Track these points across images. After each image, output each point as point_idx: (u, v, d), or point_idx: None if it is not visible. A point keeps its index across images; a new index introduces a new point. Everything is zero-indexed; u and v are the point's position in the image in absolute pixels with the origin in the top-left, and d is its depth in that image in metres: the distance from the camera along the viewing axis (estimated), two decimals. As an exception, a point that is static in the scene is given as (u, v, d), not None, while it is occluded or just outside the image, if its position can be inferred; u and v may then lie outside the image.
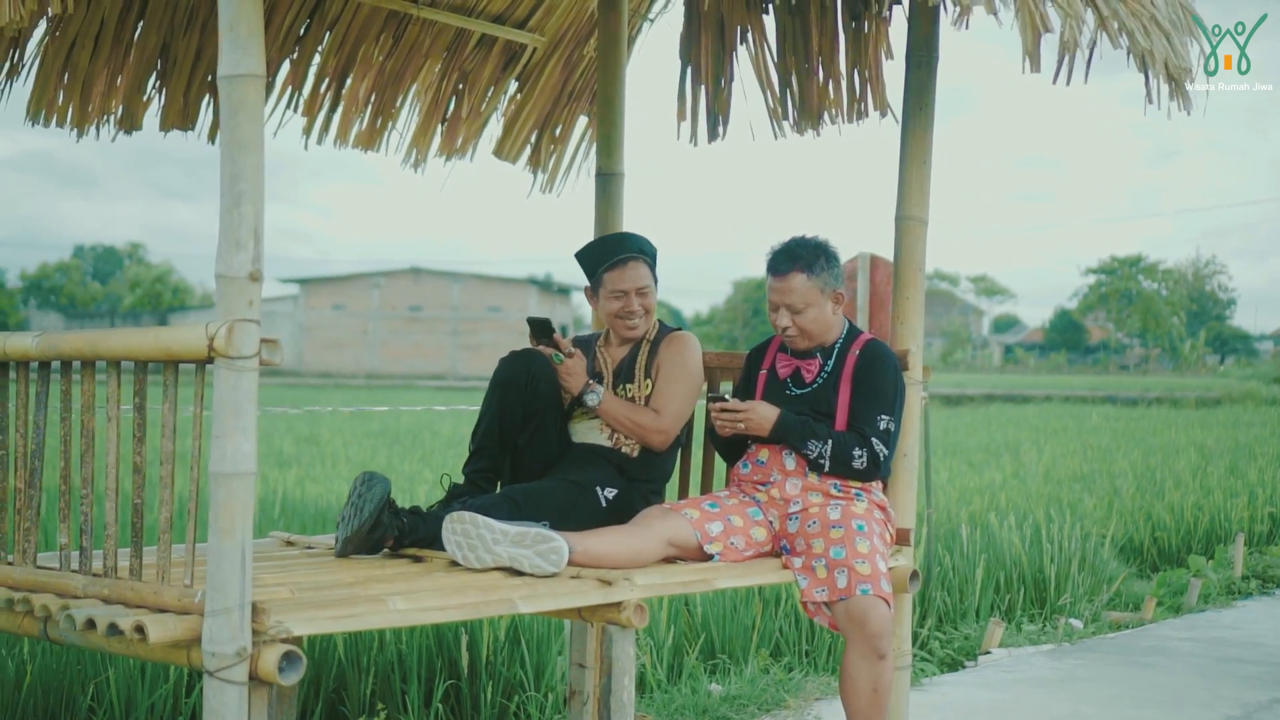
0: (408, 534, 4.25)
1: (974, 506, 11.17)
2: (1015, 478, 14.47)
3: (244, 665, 3.06)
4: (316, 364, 70.40)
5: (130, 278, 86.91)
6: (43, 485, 3.58)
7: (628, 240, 4.77)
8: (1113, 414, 29.67)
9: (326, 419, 25.35)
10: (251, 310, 3.07)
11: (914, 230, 4.63)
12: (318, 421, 24.83)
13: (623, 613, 3.81)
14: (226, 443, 3.05)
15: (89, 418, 3.41)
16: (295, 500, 10.92)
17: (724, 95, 5.39)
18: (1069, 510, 11.18)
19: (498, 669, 5.83)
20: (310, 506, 10.23)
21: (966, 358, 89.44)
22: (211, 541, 3.05)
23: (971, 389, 48.48)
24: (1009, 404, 37.98)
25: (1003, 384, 55.56)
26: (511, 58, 5.81)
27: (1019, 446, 19.57)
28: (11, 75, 4.82)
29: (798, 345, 4.50)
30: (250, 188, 3.06)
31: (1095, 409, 32.11)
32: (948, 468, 15.81)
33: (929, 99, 4.57)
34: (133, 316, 77.41)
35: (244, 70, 3.06)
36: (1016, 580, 8.12)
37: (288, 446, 19.18)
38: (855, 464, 4.36)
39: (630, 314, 4.71)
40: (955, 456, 18.01)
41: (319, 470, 15.26)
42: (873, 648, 4.19)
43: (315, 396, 39.01)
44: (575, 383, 4.62)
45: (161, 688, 5.27)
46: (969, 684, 6.49)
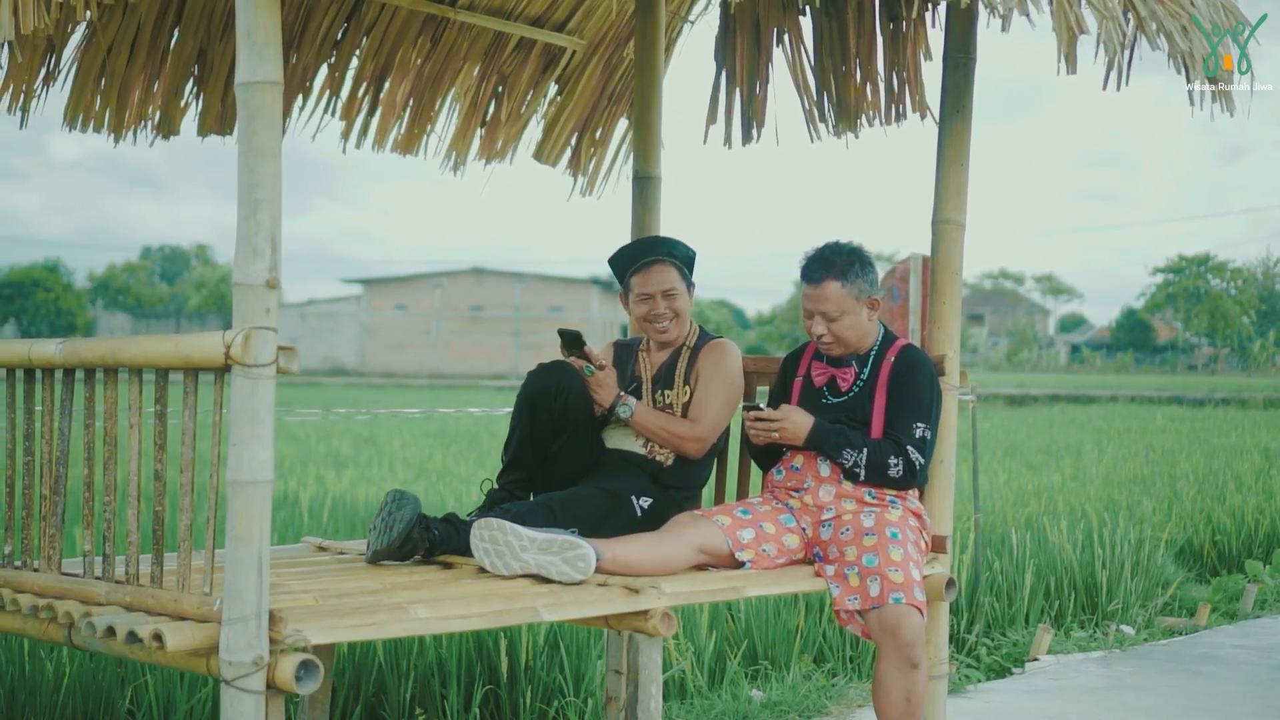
0: (439, 545, 4.24)
1: (1030, 509, 11.05)
2: (1074, 480, 14.32)
3: (261, 674, 3.06)
4: (380, 364, 70.81)
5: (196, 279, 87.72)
6: (67, 491, 3.59)
7: (656, 244, 4.73)
8: (1178, 415, 29.34)
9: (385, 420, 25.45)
10: (269, 318, 3.06)
11: (951, 233, 4.56)
12: (377, 422, 24.93)
13: (649, 621, 3.78)
14: (243, 450, 3.04)
15: (111, 425, 3.42)
16: (347, 503, 10.96)
17: (759, 98, 5.34)
18: (1127, 513, 11.05)
19: (537, 674, 5.81)
20: (361, 509, 10.27)
21: (1032, 357, 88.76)
22: (229, 549, 3.05)
23: (1036, 389, 48.10)
24: (1073, 404, 37.65)
25: (1067, 384, 55.14)
26: (551, 60, 5.79)
27: (1080, 448, 19.39)
28: (49, 81, 4.84)
29: (833, 353, 4.46)
30: (267, 195, 3.06)
31: (1160, 409, 31.78)
32: (1006, 469, 15.68)
33: (967, 101, 4.51)
34: (198, 317, 78.12)
35: (261, 77, 3.06)
36: (1067, 585, 8.02)
37: (345, 448, 19.28)
38: (891, 473, 4.31)
39: (657, 317, 4.68)
40: (1014, 458, 17.87)
41: (374, 472, 15.33)
42: (905, 657, 4.13)
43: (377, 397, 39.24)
44: (606, 395, 4.59)
45: (200, 691, 5.28)
46: (1015, 691, 6.40)
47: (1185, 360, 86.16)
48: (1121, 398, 40.15)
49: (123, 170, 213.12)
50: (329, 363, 71.82)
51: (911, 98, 5.08)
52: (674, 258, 4.70)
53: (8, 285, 73.26)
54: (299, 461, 16.85)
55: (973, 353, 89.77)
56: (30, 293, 72.43)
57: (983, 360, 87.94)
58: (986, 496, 12.29)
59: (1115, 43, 3.76)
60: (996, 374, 72.55)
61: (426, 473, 15.18)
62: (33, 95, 4.81)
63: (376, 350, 72.53)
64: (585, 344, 4.58)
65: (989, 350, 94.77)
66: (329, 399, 31.78)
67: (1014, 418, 29.73)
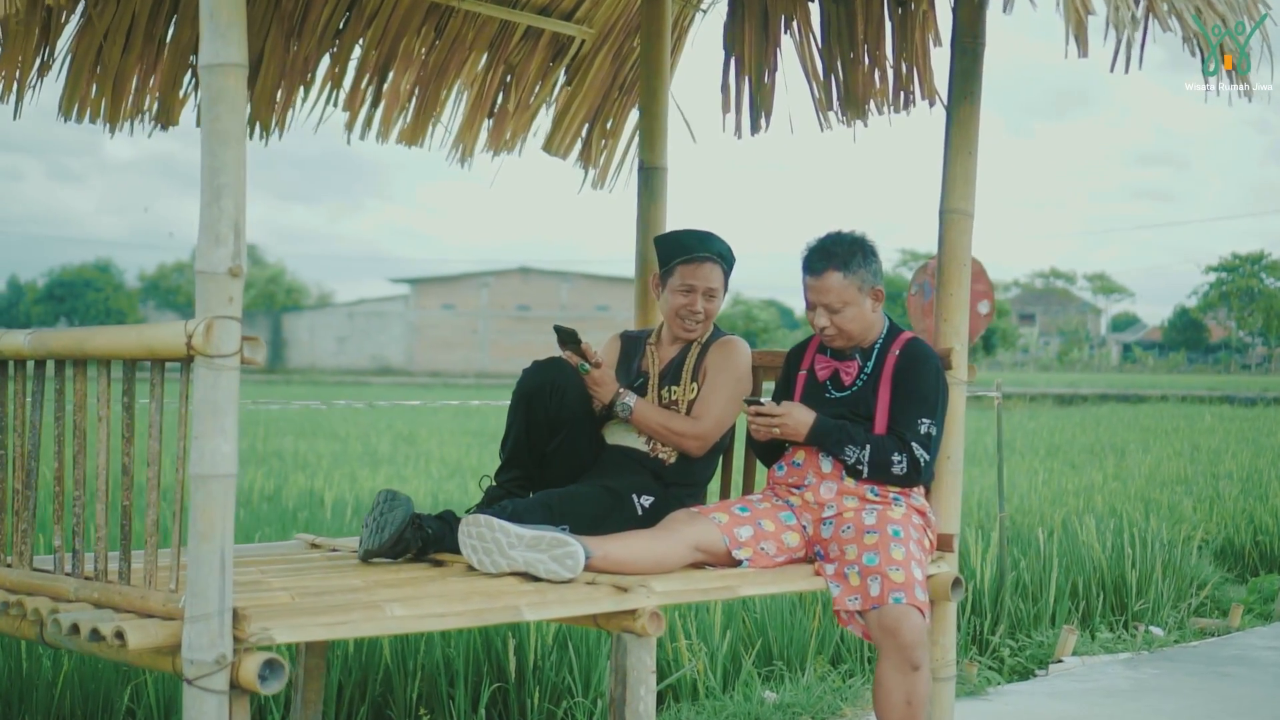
0: (433, 544, 4.15)
1: (1068, 508, 10.90)
2: (1115, 479, 14.14)
3: (224, 673, 2.97)
4: (426, 363, 70.99)
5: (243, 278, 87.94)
6: (38, 486, 3.52)
7: (711, 240, 4.62)
8: (1228, 414, 28.97)
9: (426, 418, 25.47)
10: (231, 307, 2.98)
11: (959, 224, 4.44)
12: (417, 420, 24.94)
13: (638, 620, 3.67)
14: (205, 444, 2.95)
15: (80, 417, 3.34)
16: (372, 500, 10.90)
17: (767, 86, 5.23)
18: (1166, 512, 10.89)
19: (545, 674, 5.72)
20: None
21: (1083, 357, 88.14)
22: (191, 546, 2.96)
23: (1085, 388, 47.73)
24: (1123, 404, 37.33)
25: (1118, 383, 54.71)
26: (559, 50, 5.69)
27: (1125, 447, 19.18)
28: (43, 72, 4.78)
29: (836, 345, 4.34)
30: (231, 181, 2.97)
31: (1209, 409, 31.41)
32: (1047, 468, 15.52)
33: (975, 87, 4.38)
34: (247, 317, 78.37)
35: (224, 59, 2.97)
36: (1096, 585, 7.86)
37: (384, 446, 19.27)
38: (894, 469, 4.19)
39: (692, 313, 4.58)
40: (1057, 457, 17.70)
41: (410, 470, 15.29)
42: (906, 658, 4.01)
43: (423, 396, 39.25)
44: (604, 392, 4.50)
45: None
46: (1036, 694, 6.26)
47: (1239, 360, 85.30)
48: (1172, 397, 39.74)
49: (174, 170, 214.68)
50: (377, 362, 72.06)
51: (921, 84, 4.96)
52: (724, 261, 4.61)
53: (60, 285, 73.90)
54: (336, 459, 16.85)
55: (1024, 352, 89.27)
56: (82, 293, 73.04)
57: (1033, 360, 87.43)
58: (1024, 496, 12.14)
59: (1125, 23, 3.64)
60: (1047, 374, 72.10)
61: (461, 471, 15.13)
62: (26, 85, 4.75)
63: (424, 349, 72.71)
64: (581, 341, 4.48)
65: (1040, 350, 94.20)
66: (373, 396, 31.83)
67: (1062, 417, 29.50)
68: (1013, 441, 20.71)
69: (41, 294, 72.63)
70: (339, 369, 70.54)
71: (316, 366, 71.19)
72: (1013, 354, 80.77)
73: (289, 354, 74.21)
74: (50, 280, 75.35)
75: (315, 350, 74.26)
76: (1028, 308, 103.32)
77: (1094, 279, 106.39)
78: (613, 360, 4.81)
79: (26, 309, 72.02)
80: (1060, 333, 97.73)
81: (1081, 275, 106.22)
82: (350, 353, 73.84)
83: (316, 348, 74.43)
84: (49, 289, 73.94)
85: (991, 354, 63.79)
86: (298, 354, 74.16)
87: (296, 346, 74.87)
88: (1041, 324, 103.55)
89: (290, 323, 76.48)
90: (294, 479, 13.27)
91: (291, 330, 75.89)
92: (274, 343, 75.02)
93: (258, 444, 19.04)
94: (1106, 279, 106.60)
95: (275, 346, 74.83)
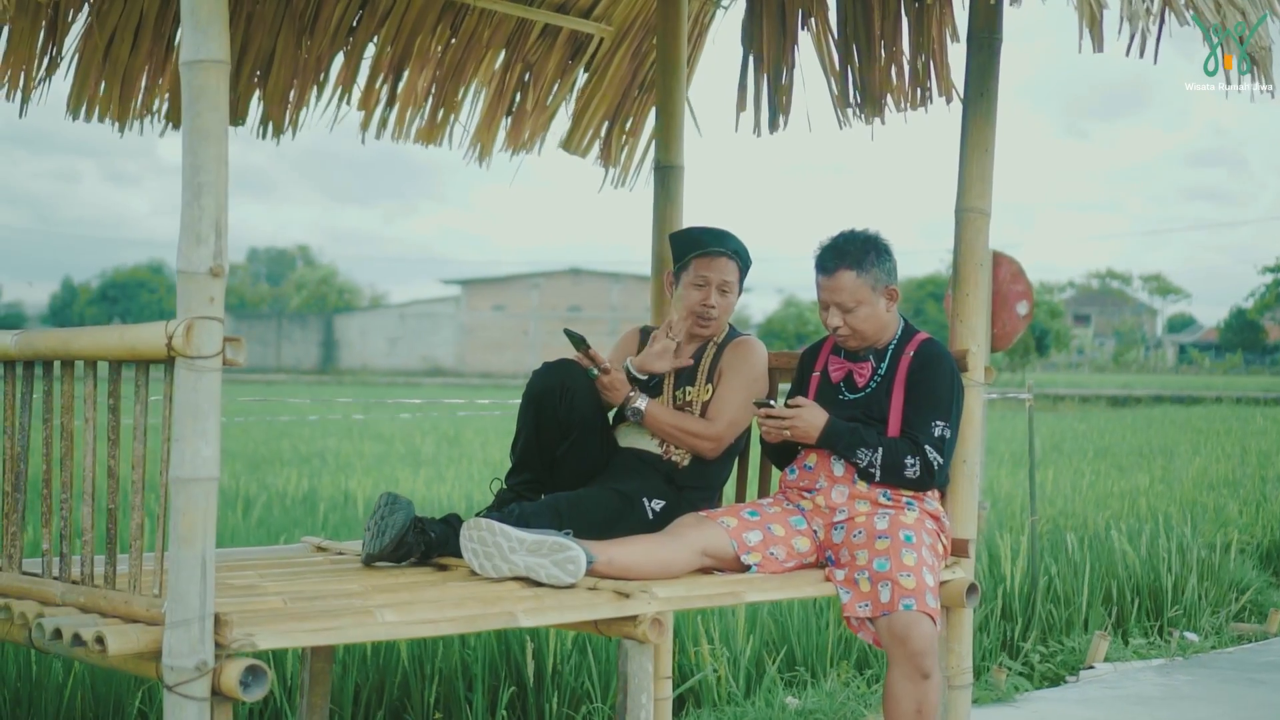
0: (436, 548, 4.10)
1: (1111, 511, 10.75)
2: (1162, 482, 13.95)
3: (205, 680, 2.91)
4: (478, 364, 71.12)
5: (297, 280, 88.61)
6: (27, 488, 3.48)
7: (728, 238, 4.56)
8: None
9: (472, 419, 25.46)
10: (213, 307, 2.92)
11: (975, 222, 4.34)
12: (462, 423, 24.95)
13: (639, 627, 3.60)
14: (186, 446, 2.90)
15: (68, 419, 3.31)
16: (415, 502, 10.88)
17: (785, 84, 5.15)
18: (1212, 515, 10.72)
19: (565, 678, 5.67)
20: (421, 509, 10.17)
21: (1139, 358, 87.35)
22: (171, 550, 2.91)
23: (1139, 390, 47.27)
24: (1177, 405, 36.97)
25: (1173, 385, 54.14)
26: (578, 48, 5.63)
27: (1175, 449, 18.95)
28: (51, 70, 4.76)
29: (850, 345, 4.26)
30: (212, 179, 2.93)
31: (1262, 411, 31.00)
32: (1094, 470, 15.36)
33: (991, 83, 4.28)
34: (298, 317, 78.87)
35: (205, 56, 2.92)
36: (1130, 590, 7.73)
37: (428, 447, 19.27)
38: (907, 473, 4.10)
39: (707, 307, 4.50)
40: (1105, 459, 17.51)
41: (451, 470, 15.25)
42: (916, 666, 3.92)
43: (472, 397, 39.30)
44: (615, 396, 4.43)
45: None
46: (1065, 700, 6.16)
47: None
48: (1227, 399, 39.28)
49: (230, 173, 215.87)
50: (427, 363, 72.24)
51: (938, 80, 4.87)
52: (739, 258, 4.55)
53: (113, 286, 74.48)
54: (378, 460, 16.86)
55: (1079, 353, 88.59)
56: (135, 294, 73.57)
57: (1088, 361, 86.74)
58: (1068, 498, 12.00)
59: (1140, 15, 3.54)
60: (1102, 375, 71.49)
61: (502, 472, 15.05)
62: (33, 83, 4.72)
63: (474, 350, 72.84)
64: (589, 346, 4.41)
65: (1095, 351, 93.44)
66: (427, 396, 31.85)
67: (1114, 419, 29.24)
68: (1061, 444, 20.54)
69: (95, 295, 73.25)
70: (390, 370, 70.76)
71: (368, 368, 71.44)
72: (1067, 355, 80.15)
73: (340, 355, 74.53)
74: (104, 281, 76.00)
75: (366, 351, 74.52)
76: (1083, 309, 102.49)
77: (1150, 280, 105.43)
78: (633, 352, 4.74)
79: (80, 310, 72.61)
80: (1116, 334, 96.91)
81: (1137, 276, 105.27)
82: (401, 354, 74.08)
83: (368, 349, 74.69)
84: (102, 290, 74.53)
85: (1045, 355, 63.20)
86: (349, 355, 74.47)
87: (348, 348, 75.18)
88: (1097, 325, 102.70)
89: (341, 324, 76.79)
90: (330, 480, 13.28)
91: (343, 331, 76.20)
92: (325, 344, 75.35)
93: (300, 445, 19.08)
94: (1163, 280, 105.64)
95: (327, 348, 75.15)
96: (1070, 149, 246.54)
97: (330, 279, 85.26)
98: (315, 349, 75.43)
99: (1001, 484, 12.91)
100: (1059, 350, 66.11)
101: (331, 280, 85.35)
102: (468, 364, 71.56)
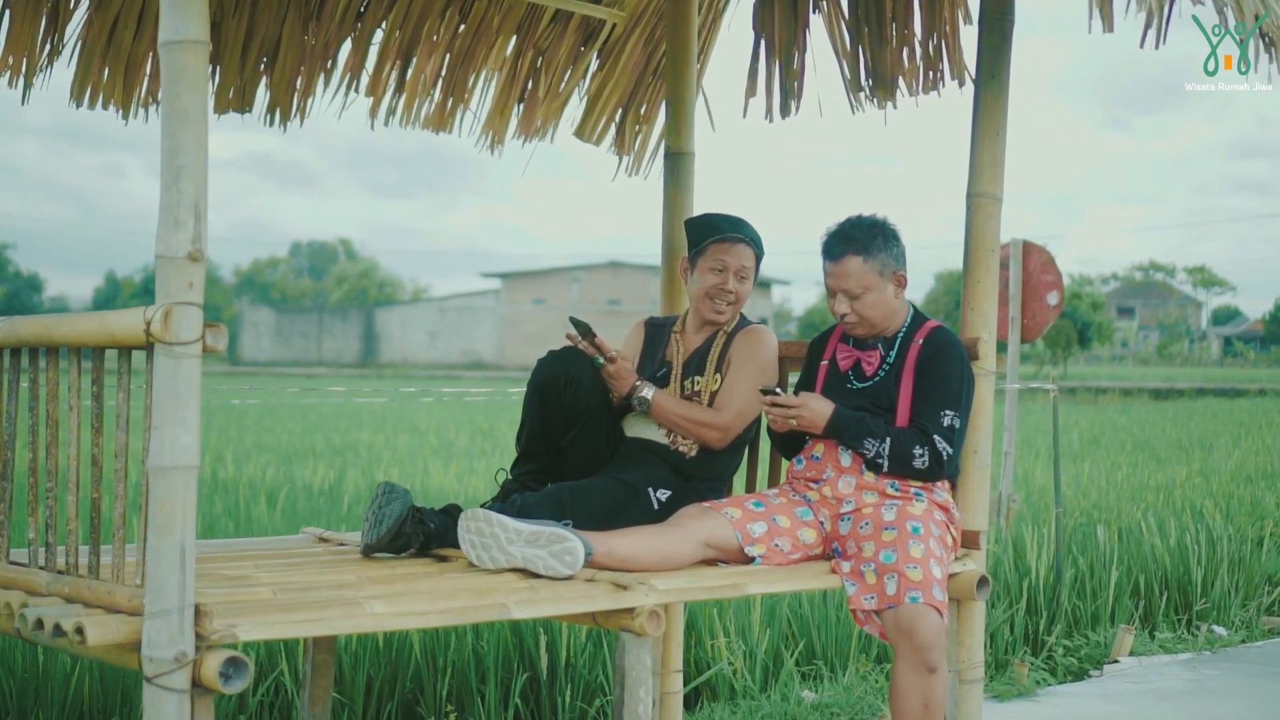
0: (434, 538, 4.04)
1: (1146, 504, 10.62)
2: (1200, 474, 13.79)
3: (184, 671, 2.87)
4: (518, 358, 71.12)
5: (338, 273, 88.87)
6: (14, 477, 3.44)
7: (744, 225, 4.49)
8: (1326, 409, 28.29)
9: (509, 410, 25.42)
10: (192, 293, 2.87)
11: (987, 208, 4.25)
12: (497, 414, 24.94)
13: (636, 619, 3.54)
14: (164, 434, 2.85)
15: (53, 407, 3.26)
16: (438, 495, 10.85)
17: (796, 69, 5.07)
18: (1249, 508, 10.58)
19: (579, 671, 5.60)
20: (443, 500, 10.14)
21: (1183, 351, 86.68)
22: (150, 540, 2.87)
23: (1182, 383, 46.86)
24: (1220, 398, 36.62)
25: (1216, 378, 53.65)
26: (590, 34, 5.56)
27: (1214, 442, 18.75)
28: (53, 57, 4.72)
29: (857, 333, 4.17)
30: (191, 162, 2.87)
31: (1306, 403, 30.71)
32: (1130, 463, 15.23)
33: (1003, 66, 4.20)
34: (339, 311, 79.10)
35: (183, 36, 2.87)
36: (1159, 583, 7.60)
37: (462, 440, 19.25)
38: (916, 463, 4.01)
39: (723, 293, 4.43)
40: (1143, 452, 17.37)
41: (482, 462, 15.23)
42: (922, 660, 3.84)
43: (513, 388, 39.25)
44: (621, 385, 4.35)
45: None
46: (1088, 695, 6.05)
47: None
48: (1271, 391, 38.90)
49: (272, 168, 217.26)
50: (468, 356, 72.38)
51: (950, 63, 4.78)
52: (755, 245, 4.48)
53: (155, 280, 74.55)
54: (410, 452, 16.85)
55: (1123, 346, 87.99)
56: (177, 287, 73.66)
57: (1132, 354, 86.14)
58: (1103, 491, 11.87)
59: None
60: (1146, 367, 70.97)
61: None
62: (35, 69, 4.69)
63: (514, 344, 72.86)
64: (595, 335, 4.34)
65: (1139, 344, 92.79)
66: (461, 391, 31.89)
67: (1156, 411, 28.99)
68: (1100, 436, 20.38)
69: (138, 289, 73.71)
70: (430, 363, 70.91)
71: (408, 361, 71.61)
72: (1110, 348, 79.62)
73: (381, 349, 74.74)
74: (146, 276, 76.31)
75: (407, 345, 74.70)
76: (1127, 301, 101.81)
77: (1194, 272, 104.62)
78: (637, 348, 4.68)
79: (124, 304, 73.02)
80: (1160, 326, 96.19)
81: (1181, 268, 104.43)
82: (442, 347, 74.22)
83: (408, 342, 74.87)
84: (145, 283, 74.88)
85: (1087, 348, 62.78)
86: (389, 349, 74.67)
87: (388, 341, 75.39)
88: (1141, 317, 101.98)
89: (382, 317, 76.99)
90: (358, 472, 13.27)
91: (384, 325, 76.41)
92: (366, 337, 75.57)
93: (334, 438, 19.11)
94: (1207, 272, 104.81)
95: (368, 341, 75.37)
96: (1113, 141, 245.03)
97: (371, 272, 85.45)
98: (356, 342, 75.66)
99: (1036, 477, 12.79)
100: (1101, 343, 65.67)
101: (372, 274, 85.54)
102: (508, 357, 71.59)
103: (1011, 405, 9.95)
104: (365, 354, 74.08)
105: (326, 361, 72.37)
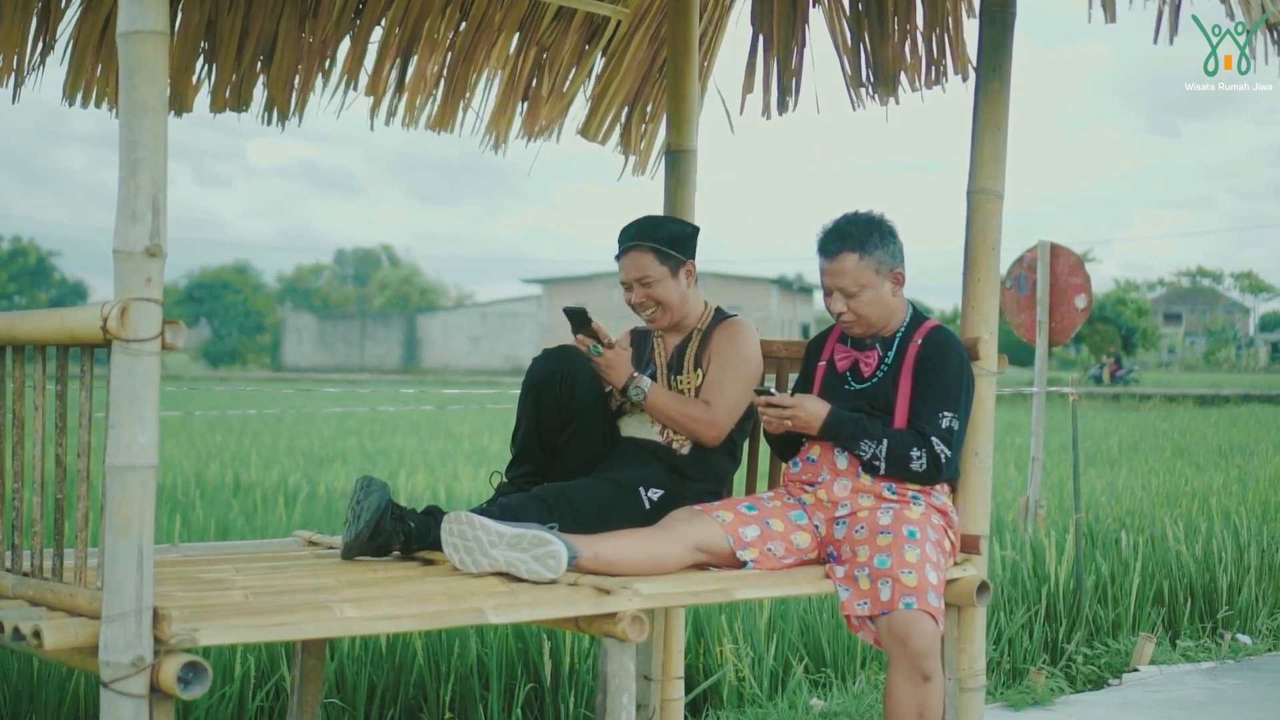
0: (416, 539, 3.97)
1: (1180, 510, 10.45)
2: (1237, 481, 13.58)
3: (142, 676, 2.81)
4: (559, 363, 71.05)
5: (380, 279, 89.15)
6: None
7: (634, 228, 4.39)
8: (1372, 415, 27.94)
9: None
10: (150, 288, 2.81)
11: (988, 205, 4.15)
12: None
13: (618, 625, 3.45)
14: (122, 433, 2.79)
15: (19, 405, 3.21)
16: (466, 500, 10.79)
17: (793, 66, 4.98)
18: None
19: (582, 677, 5.53)
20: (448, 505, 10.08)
21: (1230, 357, 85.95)
22: (107, 541, 2.80)
23: (1228, 389, 46.40)
24: (1265, 405, 36.19)
25: (1263, 384, 53.10)
26: (594, 31, 5.48)
27: (1255, 448, 18.50)
28: (45, 54, 4.68)
29: (855, 332, 4.08)
30: (149, 155, 2.81)
31: (1352, 409, 30.32)
32: (1167, 469, 15.01)
33: (1005, 59, 4.10)
34: (381, 317, 79.29)
35: (142, 26, 2.82)
36: (1184, 591, 7.46)
37: (495, 445, 19.19)
38: (913, 465, 3.92)
39: (639, 307, 4.39)
40: (1182, 458, 17.13)
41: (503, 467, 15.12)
42: (916, 668, 3.75)
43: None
44: (617, 376, 4.27)
45: (226, 686, 5.09)
46: (1105, 704, 5.92)
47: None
48: (1318, 398, 38.45)
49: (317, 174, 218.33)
50: (509, 362, 72.34)
51: (953, 57, 4.68)
52: (654, 240, 4.34)
53: (199, 287, 75.39)
54: (443, 457, 16.81)
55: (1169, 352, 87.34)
56: (220, 294, 74.41)
57: (1179, 360, 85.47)
58: (1137, 497, 11.70)
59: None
60: (1192, 374, 70.36)
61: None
62: (26, 67, 4.65)
63: (555, 349, 72.79)
64: (591, 321, 4.26)
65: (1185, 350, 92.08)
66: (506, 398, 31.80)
67: (1199, 417, 28.67)
68: (1140, 443, 20.14)
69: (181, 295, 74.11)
70: (471, 369, 70.96)
71: (450, 367, 71.71)
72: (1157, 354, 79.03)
73: (423, 355, 74.87)
74: (190, 282, 76.90)
75: (448, 351, 74.78)
76: (1173, 307, 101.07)
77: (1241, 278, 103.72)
78: (629, 350, 4.60)
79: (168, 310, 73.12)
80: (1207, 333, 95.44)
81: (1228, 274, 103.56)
82: (483, 353, 74.25)
83: (450, 348, 74.94)
84: (189, 290, 75.44)
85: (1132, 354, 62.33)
86: (431, 355, 74.78)
87: (430, 347, 75.50)
88: (1188, 323, 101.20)
89: (424, 323, 77.11)
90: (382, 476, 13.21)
91: (425, 331, 76.53)
92: (408, 343, 75.70)
93: (367, 443, 19.09)
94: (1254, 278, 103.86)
95: (409, 346, 75.49)
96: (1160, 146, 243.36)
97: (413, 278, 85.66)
98: (398, 348, 75.81)
99: (1067, 484, 12.62)
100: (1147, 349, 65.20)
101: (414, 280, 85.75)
102: (549, 363, 71.54)
103: (1039, 410, 9.82)
104: (406, 359, 74.22)
105: (369, 367, 72.50)
